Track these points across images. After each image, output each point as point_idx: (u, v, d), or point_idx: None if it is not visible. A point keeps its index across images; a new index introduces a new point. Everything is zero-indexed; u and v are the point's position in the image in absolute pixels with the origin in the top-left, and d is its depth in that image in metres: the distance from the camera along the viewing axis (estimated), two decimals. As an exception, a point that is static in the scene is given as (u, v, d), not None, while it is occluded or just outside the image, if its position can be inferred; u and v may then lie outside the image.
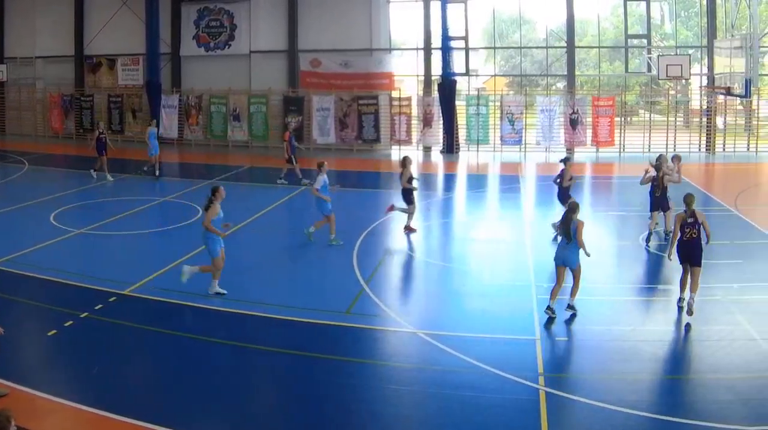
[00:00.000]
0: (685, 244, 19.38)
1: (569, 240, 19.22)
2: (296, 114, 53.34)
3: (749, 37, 40.14)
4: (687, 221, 19.30)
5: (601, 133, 50.52)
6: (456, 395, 14.71)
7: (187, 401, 14.61)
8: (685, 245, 19.40)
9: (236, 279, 21.98)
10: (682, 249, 19.53)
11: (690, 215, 19.30)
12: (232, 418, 13.94)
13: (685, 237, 19.32)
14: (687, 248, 19.37)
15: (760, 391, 14.65)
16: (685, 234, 19.30)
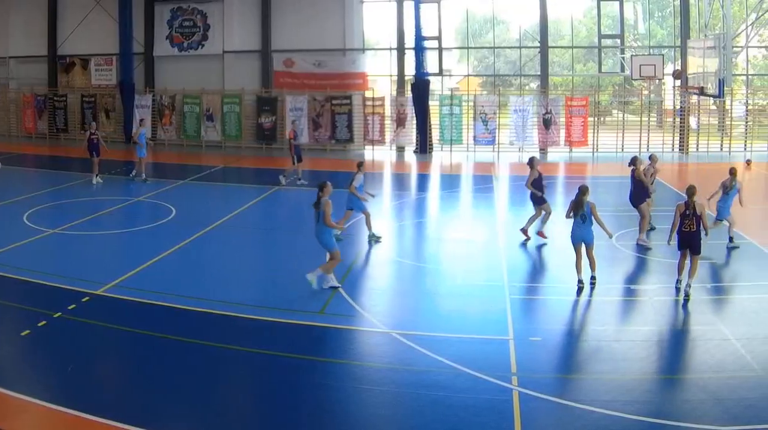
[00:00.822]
0: (686, 234, 20.04)
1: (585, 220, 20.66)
2: (269, 114, 53.41)
3: (722, 37, 40.30)
4: (686, 212, 19.90)
5: (575, 133, 50.81)
6: (429, 395, 14.70)
7: (160, 401, 14.55)
8: (685, 235, 20.09)
9: (209, 279, 22.12)
10: (682, 238, 20.20)
11: (689, 206, 19.88)
12: (206, 418, 13.90)
13: (685, 228, 19.96)
14: (687, 238, 20.07)
15: (733, 391, 14.65)
16: (684, 225, 19.95)
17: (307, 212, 23.64)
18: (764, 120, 52.87)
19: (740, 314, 19.31)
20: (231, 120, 53.97)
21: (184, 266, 23.73)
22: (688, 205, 20.07)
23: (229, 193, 36.16)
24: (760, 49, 57.49)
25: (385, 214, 32.32)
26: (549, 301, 20.85)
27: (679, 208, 20.25)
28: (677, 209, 20.29)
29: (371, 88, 53.82)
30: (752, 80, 56.18)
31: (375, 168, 47.18)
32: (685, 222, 20.05)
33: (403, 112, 51.93)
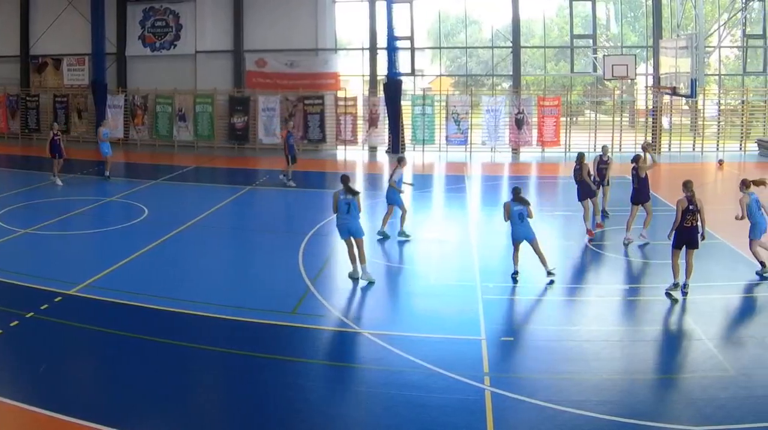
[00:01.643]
0: (687, 230, 20.14)
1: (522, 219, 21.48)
2: (242, 114, 53.28)
3: (695, 37, 40.35)
4: (689, 208, 19.99)
5: (547, 133, 50.87)
6: (402, 394, 14.71)
7: (132, 401, 14.48)
8: (686, 231, 20.17)
9: (181, 279, 22.11)
10: (682, 234, 20.26)
11: (692, 202, 20.06)
12: (178, 418, 13.89)
13: (687, 223, 20.07)
14: (688, 234, 20.18)
15: (705, 391, 14.71)
16: (687, 221, 20.05)
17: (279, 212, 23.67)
18: (736, 120, 52.98)
19: (712, 314, 19.39)
20: (203, 120, 53.77)
21: (156, 266, 23.66)
22: (690, 201, 20.14)
23: (202, 194, 36.05)
24: (733, 49, 57.55)
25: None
26: (521, 301, 20.91)
27: (681, 204, 20.26)
28: (679, 204, 20.31)
29: (343, 88, 53.76)
30: (724, 80, 56.29)
31: (347, 168, 47.28)
32: (687, 217, 20.14)
33: (376, 112, 51.89)
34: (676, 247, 20.43)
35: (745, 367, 15.81)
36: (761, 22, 52.92)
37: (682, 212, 20.14)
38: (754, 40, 53.16)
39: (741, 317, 19.33)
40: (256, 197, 34.73)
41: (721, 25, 50.89)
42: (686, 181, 20.69)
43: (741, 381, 15.09)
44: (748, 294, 21.04)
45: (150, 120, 54.91)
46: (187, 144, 54.09)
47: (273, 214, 30.37)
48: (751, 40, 53.10)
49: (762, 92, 53.21)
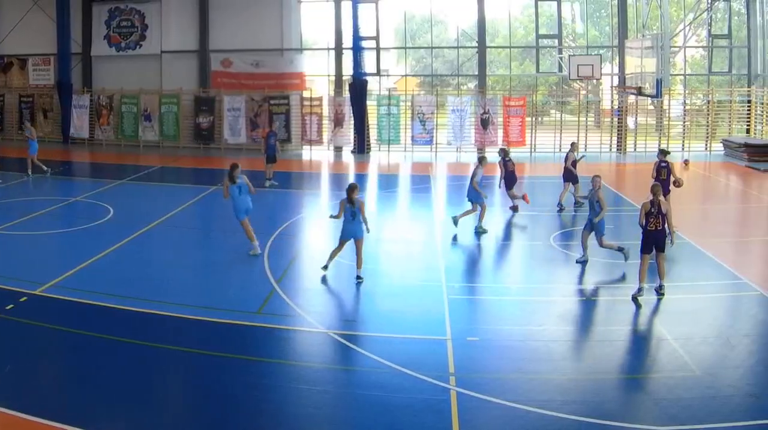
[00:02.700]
0: (651, 233, 20.18)
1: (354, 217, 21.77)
2: (207, 114, 53.23)
3: (660, 37, 40.59)
4: (651, 211, 20.06)
5: (512, 133, 51.06)
6: (367, 395, 14.71)
7: (97, 401, 14.42)
8: (651, 234, 20.20)
9: (147, 279, 21.98)
10: (648, 238, 20.28)
11: (654, 204, 20.07)
12: (143, 418, 13.81)
13: (650, 227, 20.11)
14: (653, 237, 20.20)
15: (670, 391, 14.75)
16: (650, 224, 20.09)
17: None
18: (702, 120, 53.26)
19: (678, 314, 19.48)
20: (169, 120, 53.73)
21: (122, 266, 23.49)
22: (653, 204, 20.19)
23: (167, 194, 35.94)
24: (698, 49, 57.98)
25: (323, 214, 32.16)
26: (487, 301, 20.93)
27: (644, 207, 20.32)
28: (642, 208, 20.36)
29: (309, 89, 53.87)
30: (690, 80, 56.77)
31: (313, 168, 47.49)
32: (650, 220, 20.18)
33: (341, 113, 51.99)
34: (645, 251, 20.41)
35: (710, 367, 15.87)
36: (726, 22, 53.43)
37: (645, 215, 20.23)
38: (719, 40, 53.70)
39: (707, 317, 19.29)
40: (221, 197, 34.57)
41: (686, 25, 51.26)
42: (653, 185, 20.83)
43: (707, 381, 15.14)
44: (713, 294, 21.08)
45: (115, 120, 54.71)
46: (153, 144, 54.01)
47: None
48: (716, 40, 53.62)
49: (727, 92, 53.49)
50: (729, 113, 52.87)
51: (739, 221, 31.98)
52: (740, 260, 24.46)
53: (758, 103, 51.28)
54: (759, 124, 51.24)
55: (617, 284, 21.80)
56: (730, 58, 53.78)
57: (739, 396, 14.47)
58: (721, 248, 25.66)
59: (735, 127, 52.57)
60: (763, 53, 52.08)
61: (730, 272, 22.78)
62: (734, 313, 19.65)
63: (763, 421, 13.40)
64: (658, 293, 20.51)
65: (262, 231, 25.71)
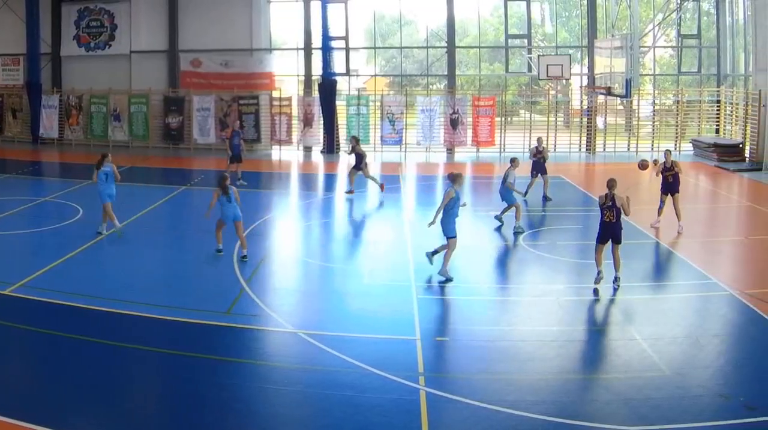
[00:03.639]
0: (607, 225, 20.78)
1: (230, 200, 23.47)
2: (177, 114, 53.13)
3: (629, 37, 40.68)
4: (606, 204, 20.70)
5: (482, 133, 51.15)
6: (336, 395, 14.68)
7: (67, 401, 14.34)
8: (607, 226, 20.81)
9: (116, 279, 21.91)
10: (604, 230, 20.87)
11: (609, 198, 20.70)
12: (112, 418, 13.75)
13: (606, 219, 20.74)
14: (609, 229, 20.80)
15: (640, 391, 14.76)
16: (605, 216, 20.72)
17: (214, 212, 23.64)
18: (671, 120, 53.43)
19: (647, 314, 19.54)
20: (138, 120, 53.55)
21: (91, 266, 23.48)
22: (608, 197, 20.72)
23: (137, 193, 35.66)
24: (667, 49, 58.17)
25: (292, 214, 32.49)
26: (456, 301, 20.94)
27: (600, 200, 21.02)
28: (598, 201, 21.09)
29: (278, 88, 53.81)
30: (659, 80, 56.98)
31: (282, 168, 47.48)
32: (605, 213, 20.72)
33: (310, 113, 51.94)
34: (600, 242, 21.07)
35: (680, 367, 15.93)
36: (695, 22, 53.69)
37: (600, 208, 20.95)
38: (689, 40, 53.87)
39: (676, 317, 19.38)
40: (190, 197, 34.57)
41: (655, 25, 51.31)
42: (609, 179, 21.38)
43: (676, 381, 15.19)
44: (683, 294, 21.19)
45: (85, 120, 54.50)
46: (122, 144, 53.71)
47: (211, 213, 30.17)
48: (685, 40, 53.78)
49: (696, 92, 53.72)
50: (698, 113, 53.09)
51: (709, 221, 32.17)
52: (710, 260, 24.54)
53: (727, 103, 51.51)
54: (728, 124, 51.44)
55: (586, 284, 21.73)
56: (699, 58, 53.98)
57: (709, 396, 14.51)
58: (690, 248, 25.89)
59: (704, 127, 52.82)
60: (732, 53, 52.36)
61: (700, 272, 22.88)
62: (703, 313, 19.71)
63: (733, 421, 13.43)
64: (614, 284, 21.00)
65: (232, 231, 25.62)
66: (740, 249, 26.87)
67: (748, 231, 29.70)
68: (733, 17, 51.96)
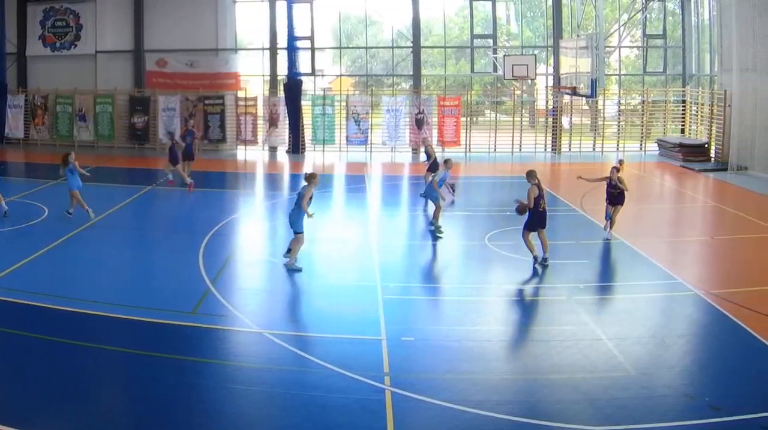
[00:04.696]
0: (540, 213, 22.26)
1: None
2: (142, 114, 52.93)
3: (595, 37, 40.87)
4: (540, 194, 22.20)
5: (447, 133, 51.27)
6: (302, 395, 14.69)
7: (31, 401, 14.29)
8: (539, 214, 22.31)
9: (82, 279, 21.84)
10: (536, 217, 22.32)
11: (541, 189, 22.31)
12: (78, 418, 13.70)
13: (540, 208, 22.05)
14: (543, 216, 22.42)
15: (605, 391, 14.85)
16: (540, 205, 22.03)
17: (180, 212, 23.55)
18: (636, 120, 53.75)
19: (612, 314, 19.71)
20: (104, 120, 53.35)
21: (56, 266, 23.38)
22: (540, 188, 22.07)
23: (102, 193, 35.41)
24: (632, 49, 58.40)
25: (258, 214, 32.46)
26: (422, 301, 20.99)
27: (532, 192, 22.09)
28: (531, 193, 22.08)
29: (244, 88, 53.70)
30: (624, 80, 57.08)
31: (248, 168, 47.46)
32: (540, 203, 22.02)
33: (276, 113, 51.96)
34: (530, 229, 22.50)
35: (645, 367, 16.01)
36: (661, 22, 53.98)
37: (535, 199, 21.92)
38: (654, 40, 54.25)
39: (641, 317, 19.45)
40: (156, 197, 34.49)
41: (621, 25, 51.53)
42: (530, 170, 22.49)
43: (641, 381, 15.26)
44: (648, 294, 21.24)
45: (50, 120, 54.23)
46: (88, 144, 53.43)
47: (173, 214, 30.18)
48: (650, 40, 54.19)
49: (662, 92, 53.96)
50: (664, 113, 53.28)
51: (674, 221, 32.35)
52: (675, 260, 24.70)
53: (693, 103, 51.84)
54: (693, 124, 51.76)
55: (551, 283, 21.86)
56: (664, 58, 54.29)
57: (674, 396, 14.60)
58: (656, 248, 25.91)
59: (670, 127, 53.11)
60: (698, 53, 52.66)
61: (665, 272, 23.02)
62: (669, 313, 19.81)
63: (698, 421, 13.51)
64: (543, 265, 22.23)
65: (197, 230, 25.64)
66: (706, 249, 27.03)
67: (713, 231, 29.89)
68: (699, 17, 52.26)
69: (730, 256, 25.75)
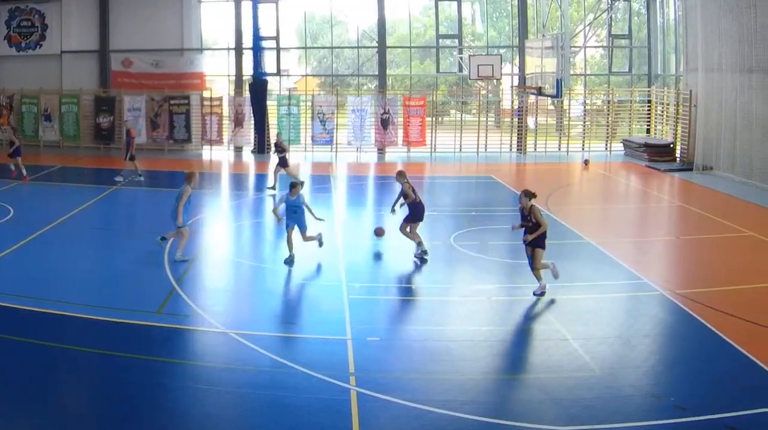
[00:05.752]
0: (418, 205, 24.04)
1: None
2: (107, 114, 52.76)
3: (560, 37, 40.90)
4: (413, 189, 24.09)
5: (412, 133, 51.40)
6: (267, 395, 14.67)
7: (-4, 402, 14.25)
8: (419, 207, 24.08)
9: (47, 279, 21.74)
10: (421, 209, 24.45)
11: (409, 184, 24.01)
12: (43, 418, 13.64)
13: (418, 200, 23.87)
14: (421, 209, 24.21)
15: (571, 391, 14.88)
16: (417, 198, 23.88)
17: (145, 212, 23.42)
18: (602, 120, 53.91)
19: (578, 314, 19.62)
20: (69, 120, 53.20)
21: (21, 266, 23.27)
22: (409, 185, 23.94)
23: (68, 193, 35.45)
24: (598, 49, 58.61)
25: (223, 214, 32.48)
26: (387, 301, 20.98)
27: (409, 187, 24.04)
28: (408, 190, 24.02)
29: (209, 88, 53.70)
30: (590, 80, 57.40)
31: (213, 168, 47.33)
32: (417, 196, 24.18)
33: (241, 113, 51.97)
34: (413, 221, 23.89)
35: (611, 367, 16.06)
36: (626, 22, 54.17)
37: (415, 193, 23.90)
38: (620, 40, 54.40)
39: (607, 317, 19.55)
40: (121, 197, 34.41)
41: (586, 25, 51.69)
42: (400, 171, 24.34)
43: (607, 381, 15.31)
44: (613, 294, 21.33)
45: (16, 120, 53.86)
46: (53, 144, 53.36)
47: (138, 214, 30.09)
48: (616, 40, 54.32)
49: (627, 92, 54.28)
50: (629, 113, 53.73)
51: (640, 221, 32.48)
52: (640, 260, 24.75)
53: (658, 103, 52.15)
54: (659, 124, 52.07)
55: (517, 284, 21.87)
56: (630, 58, 54.50)
57: (640, 396, 14.63)
58: (621, 248, 26.00)
59: (635, 127, 53.47)
60: (663, 53, 52.97)
61: (631, 272, 23.10)
62: (634, 313, 19.84)
63: (664, 421, 13.54)
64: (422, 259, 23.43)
65: (162, 231, 25.46)
66: (671, 249, 27.20)
67: (679, 231, 30.07)
68: (664, 17, 52.56)
69: (695, 256, 25.92)
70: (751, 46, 37.61)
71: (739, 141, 39.49)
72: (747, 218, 30.93)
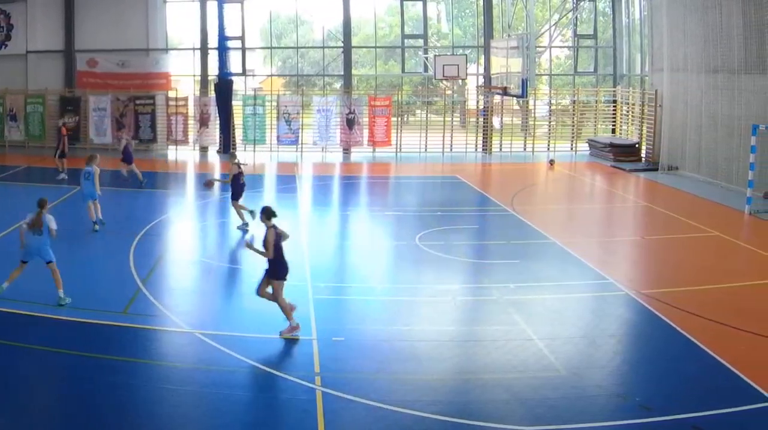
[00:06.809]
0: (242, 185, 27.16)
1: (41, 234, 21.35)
2: (73, 114, 52.42)
3: (526, 37, 41.07)
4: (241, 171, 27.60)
5: (378, 133, 51.36)
6: (232, 394, 14.66)
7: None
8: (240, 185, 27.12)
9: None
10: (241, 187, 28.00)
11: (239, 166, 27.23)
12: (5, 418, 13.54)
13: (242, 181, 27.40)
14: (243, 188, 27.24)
15: (536, 391, 14.91)
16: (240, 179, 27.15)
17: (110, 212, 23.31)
18: (567, 120, 54.14)
19: (543, 314, 19.70)
20: (34, 120, 52.89)
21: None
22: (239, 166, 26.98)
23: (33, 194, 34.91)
24: (563, 49, 58.78)
25: (189, 214, 32.39)
26: (352, 301, 20.98)
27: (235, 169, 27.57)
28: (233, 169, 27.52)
29: (174, 88, 53.55)
30: (555, 80, 57.57)
31: (178, 168, 47.34)
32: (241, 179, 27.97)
33: (207, 112, 51.82)
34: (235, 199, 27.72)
35: (576, 367, 16.11)
36: (592, 22, 54.47)
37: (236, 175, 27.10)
38: (585, 40, 54.79)
39: (572, 317, 19.59)
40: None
41: (552, 25, 51.61)
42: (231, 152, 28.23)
43: (572, 381, 15.36)
44: (579, 294, 21.39)
45: (-21, 120, 53.54)
46: (18, 144, 52.90)
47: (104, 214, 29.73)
48: (581, 40, 54.77)
49: (593, 92, 54.44)
50: (594, 113, 53.87)
51: (605, 221, 32.64)
52: (606, 260, 24.86)
53: (623, 103, 52.37)
54: (624, 124, 52.34)
55: (482, 284, 21.96)
56: (595, 58, 54.87)
57: (605, 396, 14.71)
58: (586, 247, 26.13)
59: (600, 127, 53.64)
60: (629, 53, 53.23)
61: (596, 271, 23.20)
62: (600, 313, 19.89)
63: (629, 421, 13.60)
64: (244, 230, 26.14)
65: (128, 230, 25.46)
66: (636, 249, 27.28)
67: (644, 231, 30.16)
68: (630, 18, 52.81)
69: (660, 256, 26.03)
70: (716, 46, 37.82)
71: (704, 141, 39.72)
72: (712, 217, 31.12)
